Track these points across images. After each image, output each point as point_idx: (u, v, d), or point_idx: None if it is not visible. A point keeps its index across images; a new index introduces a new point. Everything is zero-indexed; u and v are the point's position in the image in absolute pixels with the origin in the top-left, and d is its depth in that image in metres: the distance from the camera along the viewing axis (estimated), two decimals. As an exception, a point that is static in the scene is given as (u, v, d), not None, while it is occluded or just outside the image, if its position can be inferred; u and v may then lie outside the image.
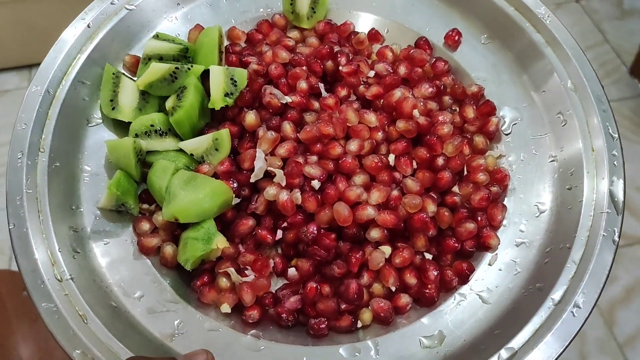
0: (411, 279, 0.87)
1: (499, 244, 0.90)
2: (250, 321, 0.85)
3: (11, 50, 1.80)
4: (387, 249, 0.87)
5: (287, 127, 0.93)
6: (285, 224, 0.90)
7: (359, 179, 0.90)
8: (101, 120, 0.98)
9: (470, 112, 0.99)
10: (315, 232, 0.86)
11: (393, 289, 0.87)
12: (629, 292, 1.94)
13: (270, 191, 0.88)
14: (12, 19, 1.61)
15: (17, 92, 1.82)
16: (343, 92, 0.99)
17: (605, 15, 2.52)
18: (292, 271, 0.88)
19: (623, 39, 2.50)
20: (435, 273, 0.86)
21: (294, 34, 1.10)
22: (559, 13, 2.52)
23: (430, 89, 0.98)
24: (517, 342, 0.77)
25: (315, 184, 0.89)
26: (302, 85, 0.97)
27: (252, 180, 0.91)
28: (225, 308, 0.86)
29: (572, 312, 0.78)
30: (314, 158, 0.92)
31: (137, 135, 0.94)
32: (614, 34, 2.49)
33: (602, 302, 1.91)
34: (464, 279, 0.87)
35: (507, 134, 0.99)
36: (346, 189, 0.87)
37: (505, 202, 0.94)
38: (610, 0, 2.61)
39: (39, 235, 0.85)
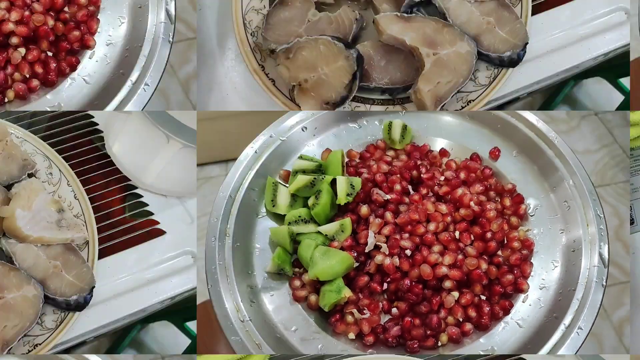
0: (472, 313, 1.04)
1: (529, 288, 1.08)
2: (368, 344, 1.02)
3: (215, 149, 2.03)
4: (456, 294, 1.04)
5: (388, 216, 1.10)
6: (388, 279, 1.05)
7: (436, 248, 1.06)
8: (265, 214, 1.17)
9: (507, 202, 1.17)
10: (409, 284, 1.03)
11: (460, 319, 1.04)
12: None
13: (378, 258, 1.05)
14: (217, 128, 1.88)
15: (217, 179, 2.03)
16: (424, 191, 1.16)
17: (615, 124, 2.45)
18: (394, 310, 1.04)
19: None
20: (488, 309, 1.04)
21: (391, 153, 1.26)
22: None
23: (481, 188, 1.15)
24: (542, 352, 0.99)
25: (408, 252, 1.06)
26: (397, 187, 1.14)
27: (366, 250, 1.07)
28: (351, 336, 1.02)
29: (577, 332, 0.98)
30: (407, 235, 1.08)
31: (290, 223, 1.12)
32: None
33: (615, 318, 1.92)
34: (506, 312, 1.06)
35: (532, 216, 1.18)
36: (428, 255, 1.05)
37: (532, 261, 1.11)
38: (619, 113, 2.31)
39: (228, 292, 1.03)
